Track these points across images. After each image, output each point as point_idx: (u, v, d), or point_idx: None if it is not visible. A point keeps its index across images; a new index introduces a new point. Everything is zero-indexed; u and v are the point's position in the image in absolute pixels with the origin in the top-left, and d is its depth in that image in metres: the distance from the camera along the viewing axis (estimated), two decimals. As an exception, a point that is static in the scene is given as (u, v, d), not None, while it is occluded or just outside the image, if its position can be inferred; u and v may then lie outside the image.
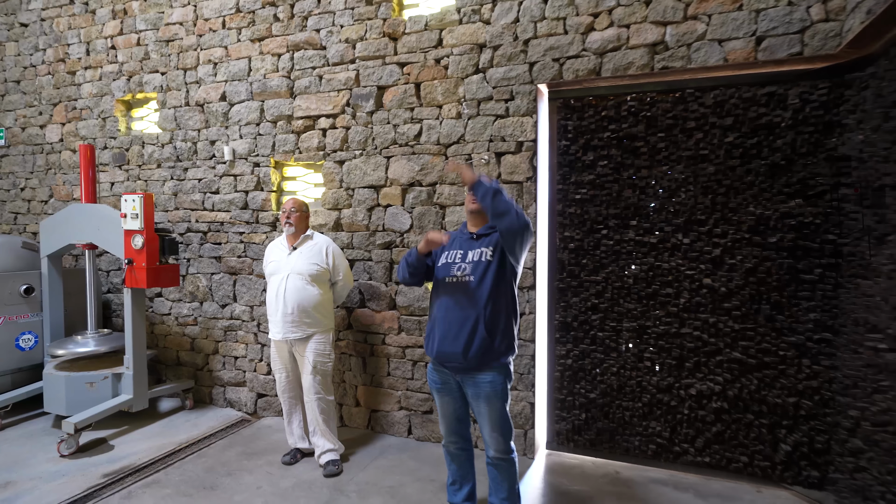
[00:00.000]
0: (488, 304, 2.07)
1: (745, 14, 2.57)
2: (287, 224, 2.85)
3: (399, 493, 2.64)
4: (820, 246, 2.53)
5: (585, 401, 3.01)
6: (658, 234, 2.82)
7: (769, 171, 2.61)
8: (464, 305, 2.09)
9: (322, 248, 2.88)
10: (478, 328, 2.06)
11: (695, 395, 2.78)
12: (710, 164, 2.70)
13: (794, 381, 2.60)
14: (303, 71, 3.51)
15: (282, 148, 3.60)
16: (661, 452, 2.87)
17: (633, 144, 2.84)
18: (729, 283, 2.70)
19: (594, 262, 2.95)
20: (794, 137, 2.56)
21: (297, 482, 2.76)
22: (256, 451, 3.14)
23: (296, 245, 2.89)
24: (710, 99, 2.69)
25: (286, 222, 2.85)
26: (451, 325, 2.10)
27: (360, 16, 3.33)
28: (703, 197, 2.73)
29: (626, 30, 2.76)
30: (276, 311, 2.83)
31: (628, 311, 2.89)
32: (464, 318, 2.07)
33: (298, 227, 2.88)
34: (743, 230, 2.66)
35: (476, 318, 2.06)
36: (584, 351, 2.99)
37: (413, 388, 3.30)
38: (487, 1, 3.02)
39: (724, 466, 2.76)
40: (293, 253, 2.86)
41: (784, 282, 2.60)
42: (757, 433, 2.69)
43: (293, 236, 2.89)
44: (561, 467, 2.93)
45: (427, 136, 3.20)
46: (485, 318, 2.06)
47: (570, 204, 2.98)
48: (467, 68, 3.08)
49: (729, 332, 2.71)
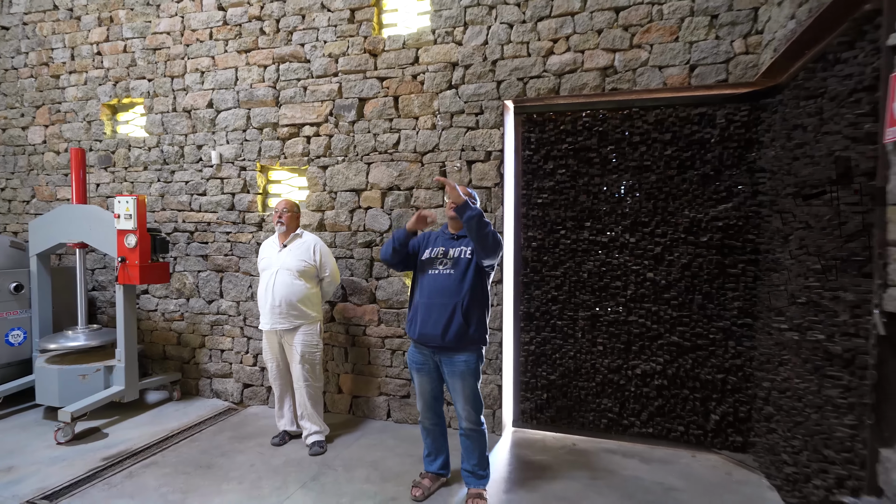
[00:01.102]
0: (465, 296, 2.40)
1: (681, 45, 2.99)
2: (279, 223, 3.10)
3: (380, 466, 2.94)
4: (742, 244, 2.97)
5: (546, 382, 3.38)
6: (609, 234, 3.21)
7: (701, 181, 3.03)
8: (444, 295, 2.42)
9: (310, 246, 3.14)
10: (455, 315, 2.39)
11: (640, 374, 3.19)
12: (653, 173, 3.11)
13: (722, 360, 3.04)
14: (288, 82, 3.77)
15: (268, 153, 3.84)
16: (612, 426, 3.27)
17: (588, 155, 3.23)
18: (668, 276, 3.11)
19: (554, 259, 3.32)
20: (721, 152, 2.99)
21: (286, 460, 3.03)
22: (246, 435, 3.38)
23: (286, 243, 3.14)
24: (652, 117, 3.10)
25: (278, 221, 3.10)
26: (431, 312, 2.42)
27: (343, 33, 3.61)
28: (646, 202, 3.14)
29: (581, 55, 3.15)
30: (265, 304, 3.08)
31: (583, 302, 3.28)
32: (443, 305, 2.40)
33: (289, 226, 3.14)
34: (679, 231, 3.08)
35: (454, 307, 2.39)
36: (546, 338, 3.36)
37: (392, 375, 3.60)
38: (459, 24, 3.36)
39: (665, 436, 3.18)
40: (283, 250, 3.12)
41: (713, 275, 3.04)
42: (692, 406, 3.12)
43: (284, 235, 3.15)
44: (525, 441, 3.30)
45: (405, 145, 3.51)
46: (462, 308, 2.39)
47: (532, 207, 3.35)
48: (441, 84, 3.41)
49: (668, 319, 3.12)
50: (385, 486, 2.72)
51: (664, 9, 3.00)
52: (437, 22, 3.41)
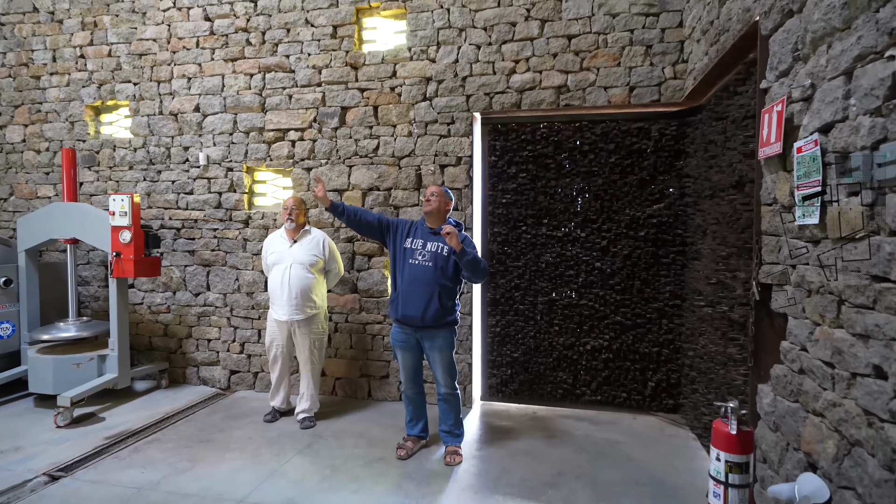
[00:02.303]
0: (442, 284, 2.83)
1: (622, 69, 3.53)
2: (289, 220, 3.38)
3: (366, 435, 3.33)
4: (672, 238, 3.54)
5: (510, 360, 3.85)
6: (563, 229, 3.72)
7: (639, 184, 3.58)
8: (423, 284, 2.83)
9: (319, 241, 3.44)
10: (433, 300, 2.82)
11: (590, 350, 3.72)
12: (599, 177, 3.64)
13: (657, 336, 3.60)
14: (274, 90, 4.08)
15: (254, 155, 4.14)
16: (567, 395, 3.78)
17: (545, 161, 3.72)
18: (612, 265, 3.65)
19: (516, 252, 3.80)
20: (655, 160, 3.55)
21: (281, 433, 3.37)
22: (238, 415, 3.68)
23: (296, 238, 3.41)
24: (599, 129, 3.63)
25: (288, 218, 3.37)
26: (412, 296, 2.84)
27: (326, 47, 3.96)
28: (594, 202, 3.66)
29: (539, 75, 3.64)
30: (280, 296, 3.33)
31: (542, 288, 3.77)
32: (423, 292, 2.82)
33: (298, 222, 3.42)
34: (622, 227, 3.62)
35: (432, 293, 2.82)
36: (509, 321, 3.84)
37: (372, 358, 3.98)
38: (433, 44, 3.78)
39: (611, 402, 3.72)
40: (294, 245, 3.39)
41: (649, 264, 3.59)
42: (632, 375, 3.67)
43: (294, 231, 3.42)
44: (492, 412, 3.76)
45: (384, 150, 3.90)
46: (438, 294, 2.82)
47: (497, 206, 3.82)
48: (417, 96, 3.83)
49: (613, 301, 3.66)
50: (372, 450, 3.11)
51: (608, 38, 3.53)
52: (412, 41, 3.82)
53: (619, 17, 3.52)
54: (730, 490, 1.62)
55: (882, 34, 1.27)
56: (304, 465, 2.92)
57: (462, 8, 3.73)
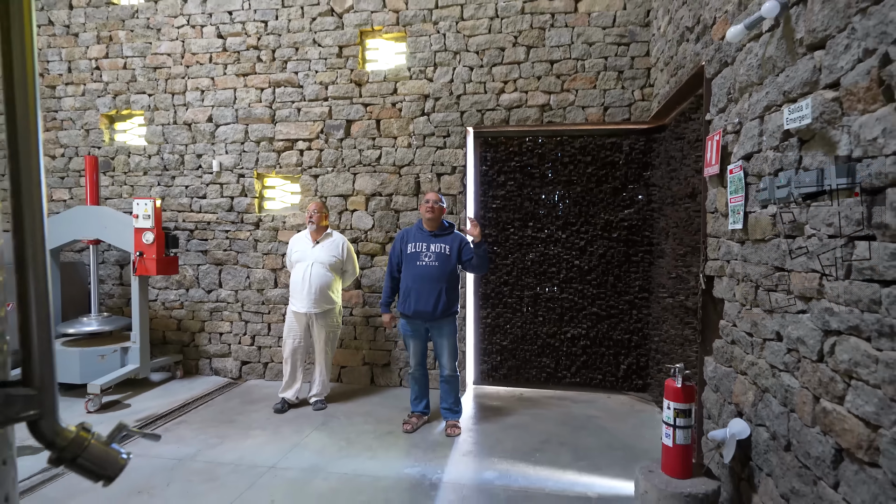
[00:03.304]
0: (448, 281, 3.28)
1: (598, 91, 4.03)
2: (310, 222, 3.74)
3: (374, 414, 3.74)
4: (641, 239, 4.05)
5: (500, 347, 4.32)
6: (546, 231, 4.20)
7: (612, 192, 4.09)
8: (431, 281, 3.27)
9: (339, 244, 3.81)
10: (441, 295, 3.26)
11: (570, 337, 4.21)
12: (578, 185, 4.13)
13: (628, 324, 4.11)
14: (283, 103, 4.46)
15: (264, 163, 4.51)
16: (550, 378, 4.26)
17: (530, 171, 4.20)
18: (589, 263, 4.14)
19: (505, 251, 4.27)
20: (626, 171, 4.06)
21: (296, 415, 3.75)
22: (254, 400, 4.05)
23: (319, 240, 3.77)
24: (577, 143, 4.12)
25: (310, 221, 3.74)
26: (422, 293, 3.27)
27: (332, 65, 4.36)
28: (573, 207, 4.15)
29: (525, 94, 4.11)
30: (301, 291, 3.68)
31: (527, 283, 4.24)
32: (431, 289, 3.26)
33: (320, 225, 3.78)
34: (597, 229, 4.12)
35: (440, 290, 3.26)
36: (499, 313, 4.30)
37: (375, 348, 4.39)
38: (430, 65, 4.22)
39: (588, 384, 4.21)
40: (316, 246, 3.75)
41: (621, 261, 4.10)
42: (607, 360, 4.17)
43: (316, 233, 3.78)
44: (484, 394, 4.22)
45: (385, 160, 4.32)
46: (445, 290, 3.27)
47: (488, 210, 4.27)
48: (416, 111, 4.26)
49: (590, 295, 4.16)
50: (380, 426, 3.53)
51: (586, 64, 4.03)
52: (412, 62, 4.25)
53: (594, 46, 4.02)
54: (677, 430, 2.10)
55: (780, 93, 1.76)
56: (322, 438, 3.32)
57: (457, 33, 4.17)
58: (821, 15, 1.51)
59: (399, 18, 4.26)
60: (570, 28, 4.04)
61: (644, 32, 3.96)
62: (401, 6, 4.24)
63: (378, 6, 4.27)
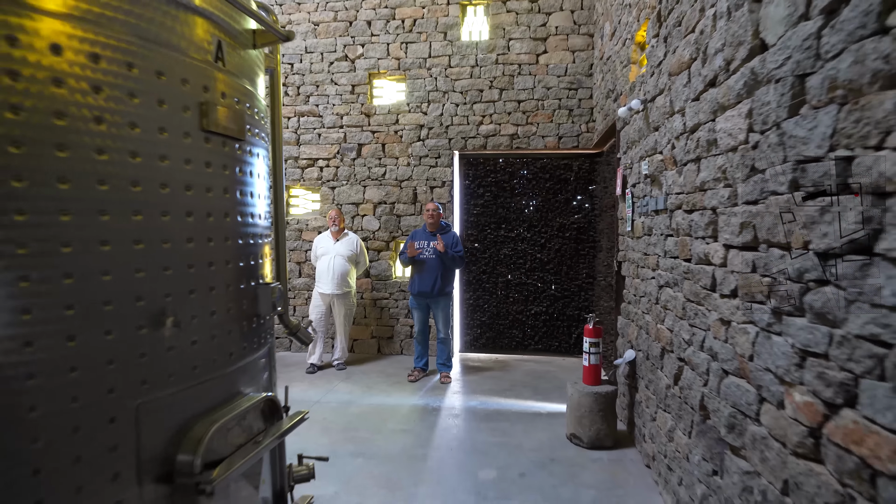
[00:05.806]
0: (441, 269, 4.46)
1: (553, 125, 5.27)
2: (333, 225, 4.88)
3: (385, 372, 4.90)
4: (587, 237, 5.31)
5: (479, 323, 5.52)
6: (515, 232, 5.42)
7: (565, 201, 5.33)
8: (429, 269, 4.45)
9: (354, 241, 4.96)
10: (437, 280, 4.44)
11: (534, 314, 5.43)
12: (539, 197, 5.36)
13: (578, 303, 5.36)
14: (306, 130, 5.56)
15: (290, 177, 5.60)
16: (518, 346, 5.49)
17: (503, 185, 5.41)
18: (548, 256, 5.38)
19: (484, 247, 5.47)
20: (575, 185, 5.30)
21: (323, 374, 4.88)
22: (287, 366, 5.15)
23: (338, 238, 4.93)
24: (538, 164, 5.35)
25: (333, 224, 4.87)
26: (425, 278, 4.46)
27: (346, 100, 5.49)
28: (536, 213, 5.38)
29: (498, 126, 5.32)
30: (326, 276, 4.80)
31: (501, 272, 5.46)
32: (431, 275, 4.44)
33: (340, 227, 4.93)
34: (554, 230, 5.36)
35: (436, 276, 4.45)
36: (479, 296, 5.50)
37: (381, 324, 5.54)
38: (425, 101, 5.39)
39: (548, 349, 5.45)
40: (337, 243, 4.90)
41: (572, 255, 5.35)
42: (562, 331, 5.41)
43: (336, 233, 4.93)
44: (468, 358, 5.41)
45: (389, 175, 5.47)
46: (441, 275, 4.45)
47: (471, 216, 5.47)
48: (413, 137, 5.42)
49: (549, 280, 5.39)
50: (390, 378, 4.69)
51: (544, 104, 5.27)
52: (410, 98, 5.42)
53: (551, 90, 5.26)
54: (591, 356, 3.31)
55: (644, 150, 3.00)
56: (349, 386, 4.47)
57: (445, 78, 5.36)
58: (656, 113, 2.74)
59: (400, 64, 5.42)
60: (532, 76, 5.27)
61: (588, 80, 5.21)
62: (401, 55, 5.40)
63: (383, 54, 5.42)
